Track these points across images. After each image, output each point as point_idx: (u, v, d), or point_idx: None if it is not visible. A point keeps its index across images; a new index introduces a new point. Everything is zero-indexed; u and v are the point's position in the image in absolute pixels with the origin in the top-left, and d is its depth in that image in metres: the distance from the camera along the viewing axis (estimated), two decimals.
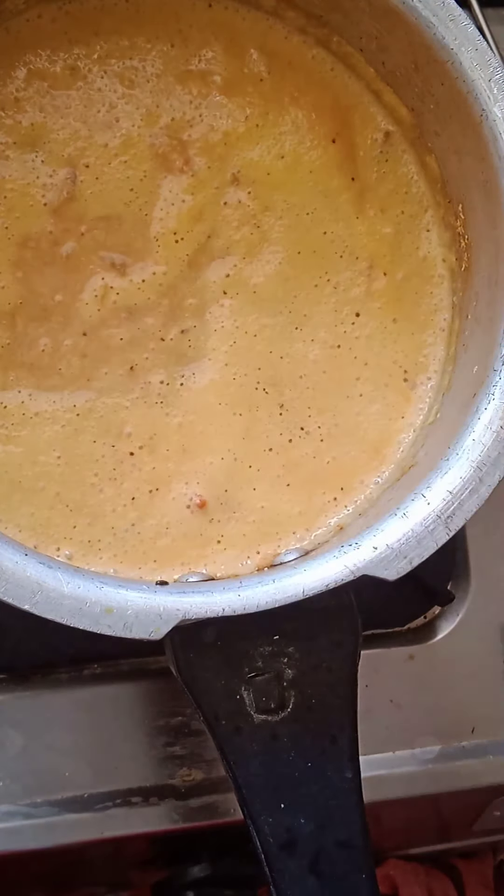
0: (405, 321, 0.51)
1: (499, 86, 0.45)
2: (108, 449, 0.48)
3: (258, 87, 0.50)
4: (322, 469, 0.50)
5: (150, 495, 0.48)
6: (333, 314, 0.50)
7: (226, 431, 0.49)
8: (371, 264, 0.51)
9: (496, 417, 0.44)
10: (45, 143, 0.48)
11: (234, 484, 0.49)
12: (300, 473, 0.49)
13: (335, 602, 0.44)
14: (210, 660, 0.44)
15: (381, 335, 0.51)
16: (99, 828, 0.53)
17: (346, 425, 0.50)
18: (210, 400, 0.49)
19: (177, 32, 0.50)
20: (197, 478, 0.49)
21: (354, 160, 0.51)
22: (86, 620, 0.39)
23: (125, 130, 0.49)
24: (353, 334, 0.51)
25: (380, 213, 0.51)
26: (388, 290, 0.51)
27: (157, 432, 0.48)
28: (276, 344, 0.50)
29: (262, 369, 0.50)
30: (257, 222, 0.50)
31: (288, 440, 0.50)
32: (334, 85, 0.51)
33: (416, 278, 0.51)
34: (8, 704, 0.54)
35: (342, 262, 0.51)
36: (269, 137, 0.50)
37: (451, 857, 0.68)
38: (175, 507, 0.48)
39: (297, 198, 0.50)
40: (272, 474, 0.49)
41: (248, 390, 0.50)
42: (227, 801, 0.54)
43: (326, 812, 0.43)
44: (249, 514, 0.49)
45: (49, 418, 0.48)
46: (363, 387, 0.50)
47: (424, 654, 0.58)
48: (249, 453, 0.49)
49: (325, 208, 0.51)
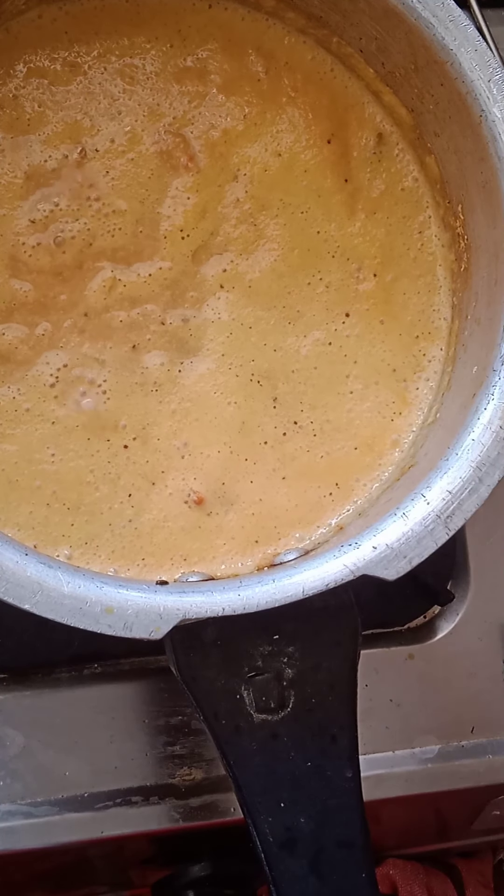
0: (393, 322, 0.51)
1: (498, 86, 0.45)
2: (103, 443, 0.48)
3: (256, 87, 0.51)
4: (316, 464, 0.50)
5: (147, 491, 0.48)
6: (325, 312, 0.51)
7: (220, 422, 0.49)
8: (360, 266, 0.51)
9: (496, 417, 0.44)
10: (45, 129, 0.49)
11: (231, 477, 0.49)
12: (295, 467, 0.50)
13: (335, 602, 0.44)
14: (210, 659, 0.44)
15: (370, 335, 0.51)
16: (99, 827, 0.53)
17: (338, 421, 0.50)
18: (206, 388, 0.49)
19: (176, 32, 0.50)
20: (194, 473, 0.49)
21: (348, 161, 0.51)
22: (86, 620, 0.39)
23: (129, 127, 0.49)
24: (343, 332, 0.51)
25: (371, 215, 0.51)
26: (377, 292, 0.51)
27: (150, 421, 0.49)
28: (269, 337, 0.50)
29: (256, 361, 0.50)
30: (254, 220, 0.50)
31: (282, 433, 0.50)
32: (333, 86, 0.51)
33: (406, 280, 0.51)
34: (8, 704, 0.54)
35: (334, 261, 0.51)
36: (267, 135, 0.51)
37: (450, 856, 0.68)
38: (173, 501, 0.48)
39: (292, 197, 0.51)
40: (268, 467, 0.49)
41: (242, 381, 0.50)
42: (227, 800, 0.54)
43: (326, 811, 0.43)
44: (247, 507, 0.49)
45: (39, 415, 0.48)
46: (353, 384, 0.51)
47: (424, 654, 0.58)
48: (245, 446, 0.49)
49: (318, 208, 0.51)
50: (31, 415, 0.48)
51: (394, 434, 0.51)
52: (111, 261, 0.49)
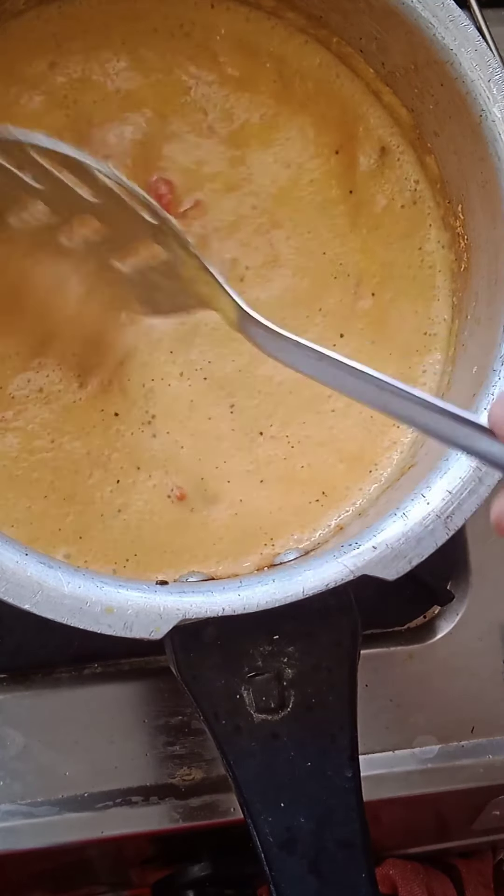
0: (385, 342, 0.51)
1: (498, 86, 0.45)
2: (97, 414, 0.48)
3: (271, 87, 0.51)
4: (296, 472, 0.50)
5: (133, 476, 0.48)
6: (317, 340, 0.50)
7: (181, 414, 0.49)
8: (359, 282, 0.51)
9: None
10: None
11: (208, 473, 0.49)
12: (271, 471, 0.49)
13: (335, 602, 0.44)
14: (210, 659, 0.44)
15: (357, 356, 0.50)
16: (99, 827, 0.53)
17: (319, 437, 0.50)
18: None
19: (178, 27, 0.50)
20: (173, 464, 0.49)
21: (353, 173, 0.51)
22: (86, 620, 0.40)
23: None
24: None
25: (373, 230, 0.51)
26: (374, 311, 0.51)
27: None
28: (245, 358, 0.50)
29: (219, 369, 0.50)
30: (270, 238, 0.51)
31: (247, 439, 0.50)
32: (342, 95, 0.51)
33: (404, 300, 0.51)
34: (8, 704, 0.54)
35: (335, 283, 0.51)
36: (279, 142, 0.51)
37: (450, 856, 0.67)
38: (157, 494, 0.48)
39: (300, 214, 0.51)
40: (240, 469, 0.49)
41: (211, 387, 0.50)
42: (227, 800, 0.54)
43: (326, 811, 0.43)
44: (229, 507, 0.49)
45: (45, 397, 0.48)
46: (335, 403, 0.50)
47: (424, 654, 0.58)
48: (206, 441, 0.49)
49: (323, 224, 0.51)
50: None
51: (383, 449, 0.51)
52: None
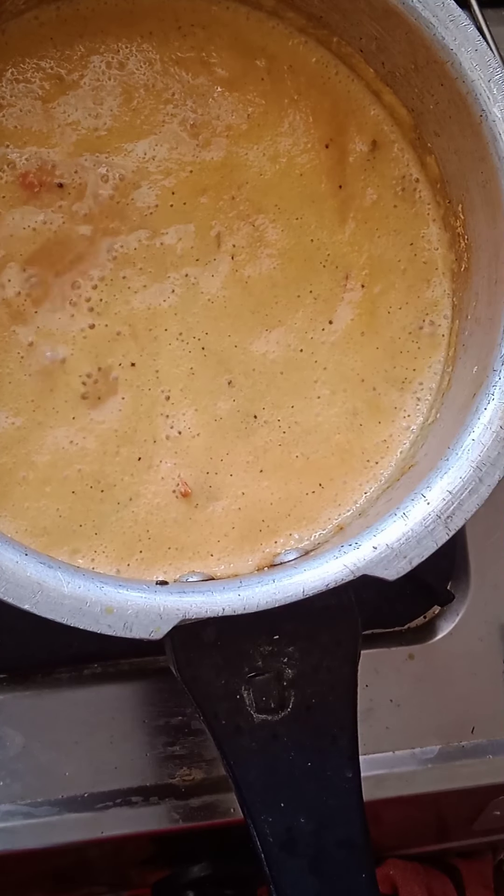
0: (372, 335, 0.51)
1: (498, 86, 0.45)
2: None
3: (259, 87, 0.51)
4: (292, 461, 0.50)
5: (139, 465, 0.48)
6: (308, 322, 0.51)
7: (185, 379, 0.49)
8: (348, 275, 0.51)
9: (496, 417, 0.44)
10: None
11: (212, 466, 0.49)
12: (269, 460, 0.50)
13: (335, 602, 0.44)
14: (210, 659, 0.44)
15: (345, 344, 0.51)
16: (99, 827, 0.53)
17: (307, 423, 0.50)
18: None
19: (176, 29, 0.50)
20: (181, 455, 0.49)
21: (344, 167, 0.51)
22: (86, 620, 0.39)
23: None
24: (319, 339, 0.51)
25: (362, 224, 0.51)
26: (363, 303, 0.51)
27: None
28: (241, 334, 0.50)
29: (224, 351, 0.50)
30: (253, 220, 0.50)
31: (244, 424, 0.50)
32: (336, 90, 0.51)
33: (393, 292, 0.51)
34: (8, 704, 0.54)
35: (325, 271, 0.51)
36: (268, 138, 0.51)
37: (450, 856, 0.68)
38: (163, 489, 0.48)
39: (287, 203, 0.51)
40: (241, 460, 0.49)
41: (208, 359, 0.50)
42: (227, 801, 0.54)
43: (326, 812, 0.43)
44: (233, 502, 0.49)
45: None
46: (321, 389, 0.50)
47: (424, 654, 0.58)
48: (212, 429, 0.50)
49: (311, 214, 0.51)
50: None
51: (374, 438, 0.51)
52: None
